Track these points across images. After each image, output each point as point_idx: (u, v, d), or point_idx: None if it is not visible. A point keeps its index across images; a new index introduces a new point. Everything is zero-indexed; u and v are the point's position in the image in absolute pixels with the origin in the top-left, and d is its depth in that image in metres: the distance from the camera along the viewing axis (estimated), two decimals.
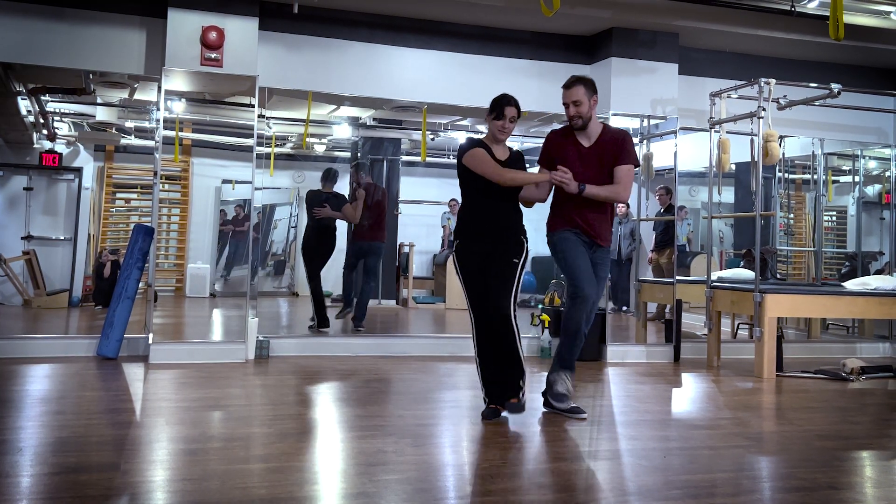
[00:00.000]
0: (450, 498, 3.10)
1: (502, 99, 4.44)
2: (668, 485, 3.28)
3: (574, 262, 4.52)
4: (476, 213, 4.45)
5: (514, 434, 4.15)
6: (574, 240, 4.57)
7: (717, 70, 7.75)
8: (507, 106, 4.42)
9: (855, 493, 3.32)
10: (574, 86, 4.55)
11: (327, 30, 6.94)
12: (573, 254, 4.53)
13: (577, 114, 4.53)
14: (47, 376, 5.53)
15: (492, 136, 4.48)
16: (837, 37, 4.97)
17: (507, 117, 4.41)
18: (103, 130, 10.68)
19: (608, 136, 4.63)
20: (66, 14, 6.36)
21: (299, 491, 3.06)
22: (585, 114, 4.54)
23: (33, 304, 9.82)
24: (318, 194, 8.16)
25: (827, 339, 8.48)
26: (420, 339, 7.42)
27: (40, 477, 3.16)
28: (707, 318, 7.07)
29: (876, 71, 8.35)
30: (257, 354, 6.46)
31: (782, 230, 10.25)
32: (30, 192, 10.70)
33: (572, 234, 4.57)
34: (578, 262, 4.52)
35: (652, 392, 5.71)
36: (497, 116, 4.42)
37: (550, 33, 7.48)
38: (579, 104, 4.52)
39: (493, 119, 4.44)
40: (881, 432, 4.64)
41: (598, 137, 4.60)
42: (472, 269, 4.39)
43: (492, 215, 4.42)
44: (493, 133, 4.46)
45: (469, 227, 4.46)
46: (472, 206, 4.48)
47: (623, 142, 4.60)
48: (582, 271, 4.50)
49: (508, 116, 4.41)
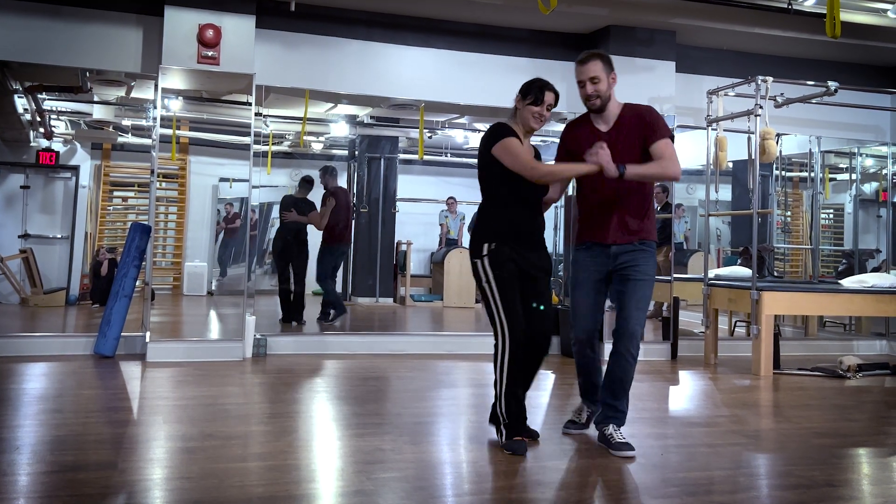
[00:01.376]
0: (447, 496, 3.10)
1: (540, 81, 3.82)
2: (666, 482, 3.29)
3: (574, 296, 4.01)
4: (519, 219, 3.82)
5: None
6: (581, 260, 3.99)
7: (715, 68, 7.75)
8: (547, 90, 3.80)
9: (852, 491, 3.33)
10: (590, 60, 3.89)
11: (324, 28, 6.93)
12: (574, 282, 4.02)
13: (594, 92, 3.86)
14: (44, 375, 5.53)
15: (524, 124, 3.82)
16: (834, 34, 4.98)
17: (546, 103, 3.80)
18: (100, 129, 10.66)
19: (629, 113, 3.94)
20: (63, 12, 6.35)
21: (297, 489, 3.06)
22: (604, 92, 3.87)
23: (30, 303, 9.81)
24: (289, 198, 8.51)
25: (824, 336, 8.49)
26: (418, 337, 7.43)
27: (38, 475, 3.16)
28: (704, 315, 7.08)
29: (873, 69, 8.36)
30: (255, 352, 6.46)
31: (779, 228, 10.26)
32: (27, 190, 10.70)
33: (582, 249, 3.99)
34: (577, 297, 3.99)
35: (649, 390, 5.71)
36: (535, 101, 3.78)
37: (548, 31, 7.48)
38: (597, 80, 3.86)
39: (530, 104, 3.78)
40: (878, 429, 4.64)
41: (618, 119, 3.93)
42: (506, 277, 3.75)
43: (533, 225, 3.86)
44: (525, 120, 3.81)
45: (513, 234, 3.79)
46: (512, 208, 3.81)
47: (649, 116, 3.91)
48: (578, 309, 3.97)
49: (547, 103, 3.80)
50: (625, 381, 3.86)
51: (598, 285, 3.95)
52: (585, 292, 3.95)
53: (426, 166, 12.50)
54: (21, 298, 9.96)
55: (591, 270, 3.94)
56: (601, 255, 3.90)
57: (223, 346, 6.40)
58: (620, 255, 3.87)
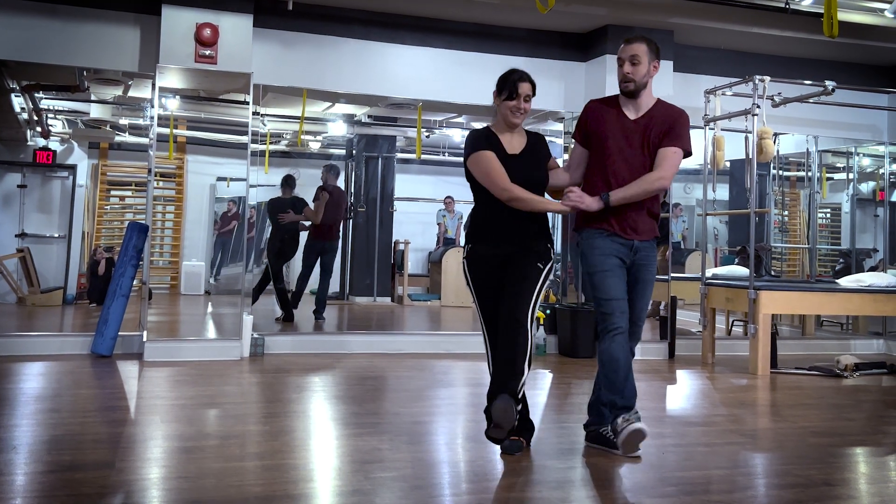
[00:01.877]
0: (445, 495, 3.10)
1: (514, 74, 3.69)
2: (664, 481, 3.29)
3: (602, 282, 3.69)
4: (492, 215, 3.70)
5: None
6: (604, 246, 3.71)
7: (712, 67, 7.75)
8: (521, 81, 3.65)
9: (849, 490, 3.33)
10: (636, 41, 3.74)
11: (322, 27, 6.92)
12: (601, 269, 3.69)
13: (631, 73, 3.69)
14: (42, 374, 5.52)
15: (503, 120, 3.72)
16: (832, 34, 4.98)
17: (522, 95, 3.65)
18: (97, 128, 10.65)
19: (661, 109, 3.78)
20: (60, 11, 6.34)
21: (294, 489, 3.06)
22: (641, 77, 3.70)
23: (27, 302, 9.79)
24: (279, 201, 8.54)
25: (821, 335, 8.50)
26: (415, 337, 7.42)
27: (35, 475, 3.15)
28: (702, 315, 7.08)
29: (870, 68, 8.36)
30: (252, 352, 6.45)
31: (777, 227, 10.27)
32: (24, 189, 10.68)
33: (603, 236, 3.72)
34: (608, 283, 3.67)
35: (647, 389, 5.71)
36: (510, 95, 3.65)
37: (546, 31, 7.48)
38: (637, 62, 3.69)
39: (505, 99, 3.67)
40: (875, 429, 4.65)
41: (649, 110, 3.77)
42: (484, 277, 3.69)
43: (510, 219, 3.66)
44: (504, 116, 3.70)
45: (484, 232, 3.73)
46: (487, 206, 3.71)
47: (677, 120, 3.74)
48: (612, 295, 3.66)
49: (523, 94, 3.65)
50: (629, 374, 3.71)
51: (622, 272, 3.74)
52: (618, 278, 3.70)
53: (424, 165, 12.49)
54: (18, 298, 9.95)
55: (616, 257, 3.71)
56: (624, 245, 3.73)
57: (220, 345, 6.39)
58: (640, 251, 3.75)
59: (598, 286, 3.71)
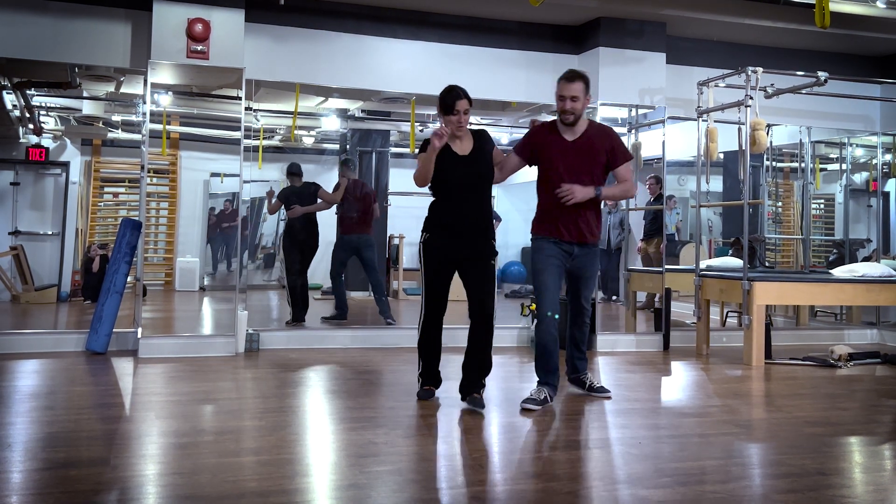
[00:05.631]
0: (441, 488, 3.10)
1: (451, 93, 4.36)
2: (659, 472, 3.30)
3: (542, 279, 4.52)
4: (447, 208, 4.42)
5: (504, 424, 4.17)
6: (549, 251, 4.55)
7: (705, 59, 7.76)
8: (458, 100, 4.34)
9: (843, 479, 3.35)
10: (576, 80, 4.49)
11: (314, 21, 6.91)
12: (544, 270, 4.53)
13: (571, 109, 4.48)
14: (36, 372, 5.51)
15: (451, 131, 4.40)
16: (823, 25, 5.00)
17: (461, 111, 4.34)
18: (90, 124, 10.62)
19: (594, 130, 4.62)
20: (51, 7, 6.32)
21: (290, 483, 3.06)
22: (579, 111, 4.51)
23: (21, 300, 9.77)
24: (290, 190, 8.09)
25: (815, 326, 8.53)
26: (410, 331, 7.30)
27: (30, 472, 3.15)
28: (696, 306, 7.10)
29: (862, 59, 8.38)
30: (247, 348, 6.45)
31: (770, 218, 10.29)
32: (16, 187, 10.64)
33: (551, 243, 4.55)
34: (546, 281, 4.51)
35: (642, 380, 5.73)
36: (449, 111, 4.34)
37: (538, 23, 7.47)
38: (576, 100, 4.47)
39: (446, 115, 4.36)
40: (869, 418, 4.67)
41: (584, 132, 4.58)
42: (436, 268, 4.43)
43: (464, 211, 4.40)
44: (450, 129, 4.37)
45: (440, 223, 4.44)
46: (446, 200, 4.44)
47: (612, 137, 4.63)
48: (547, 291, 4.49)
49: (462, 110, 4.34)
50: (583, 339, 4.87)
51: (560, 271, 4.59)
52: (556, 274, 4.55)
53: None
54: (12, 295, 9.93)
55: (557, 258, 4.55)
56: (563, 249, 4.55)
57: (215, 341, 6.39)
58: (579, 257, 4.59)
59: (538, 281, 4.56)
